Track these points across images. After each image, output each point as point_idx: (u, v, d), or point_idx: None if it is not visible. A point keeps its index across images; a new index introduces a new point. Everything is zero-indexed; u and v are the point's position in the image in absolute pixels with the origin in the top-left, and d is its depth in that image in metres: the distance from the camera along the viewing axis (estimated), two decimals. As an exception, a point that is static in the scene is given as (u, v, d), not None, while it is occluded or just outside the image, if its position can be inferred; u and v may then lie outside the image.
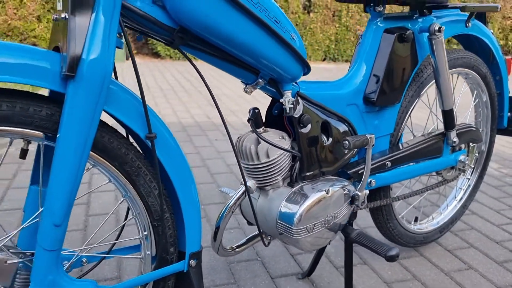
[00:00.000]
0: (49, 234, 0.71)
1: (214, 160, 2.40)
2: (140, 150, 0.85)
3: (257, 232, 1.17)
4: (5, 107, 0.68)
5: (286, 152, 0.99)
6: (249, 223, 1.16)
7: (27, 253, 0.81)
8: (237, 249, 1.12)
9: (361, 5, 4.43)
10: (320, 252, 1.35)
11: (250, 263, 1.45)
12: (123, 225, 0.95)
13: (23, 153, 0.76)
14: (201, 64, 4.35)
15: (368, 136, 1.02)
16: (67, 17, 0.68)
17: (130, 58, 6.13)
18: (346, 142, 0.98)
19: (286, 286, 1.34)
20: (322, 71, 6.12)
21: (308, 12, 6.75)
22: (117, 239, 0.96)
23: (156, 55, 6.53)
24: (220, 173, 2.21)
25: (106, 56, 0.69)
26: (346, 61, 7.14)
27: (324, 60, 7.11)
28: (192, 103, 3.77)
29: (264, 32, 0.84)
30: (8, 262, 0.78)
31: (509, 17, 7.65)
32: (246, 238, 1.16)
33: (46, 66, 0.68)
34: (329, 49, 6.98)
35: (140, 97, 0.77)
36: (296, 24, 6.55)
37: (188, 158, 2.39)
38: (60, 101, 0.73)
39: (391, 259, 1.00)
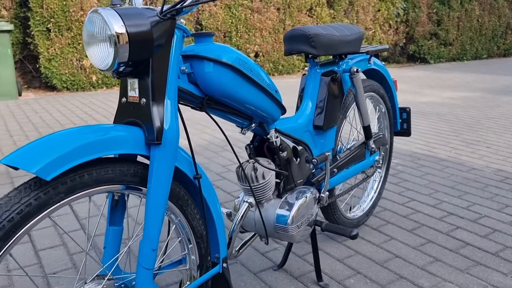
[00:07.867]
0: (148, 256, 0.98)
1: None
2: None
3: (249, 236, 1.51)
4: (110, 171, 0.94)
5: (274, 172, 1.36)
6: (242, 231, 1.50)
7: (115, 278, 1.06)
8: (239, 251, 1.45)
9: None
10: (289, 247, 1.73)
11: (232, 266, 1.77)
12: (167, 244, 1.23)
13: (116, 202, 1.01)
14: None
15: (326, 154, 1.44)
16: (145, 102, 0.97)
17: (21, 95, 5.89)
18: (315, 160, 1.38)
19: (268, 277, 1.70)
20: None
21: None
22: (163, 254, 1.23)
23: (51, 88, 6.35)
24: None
25: (175, 126, 0.99)
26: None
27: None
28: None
29: (262, 93, 1.20)
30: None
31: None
32: (243, 242, 1.49)
33: (136, 138, 0.96)
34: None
35: (190, 151, 1.08)
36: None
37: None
38: (130, 159, 1.00)
39: (354, 237, 1.42)
